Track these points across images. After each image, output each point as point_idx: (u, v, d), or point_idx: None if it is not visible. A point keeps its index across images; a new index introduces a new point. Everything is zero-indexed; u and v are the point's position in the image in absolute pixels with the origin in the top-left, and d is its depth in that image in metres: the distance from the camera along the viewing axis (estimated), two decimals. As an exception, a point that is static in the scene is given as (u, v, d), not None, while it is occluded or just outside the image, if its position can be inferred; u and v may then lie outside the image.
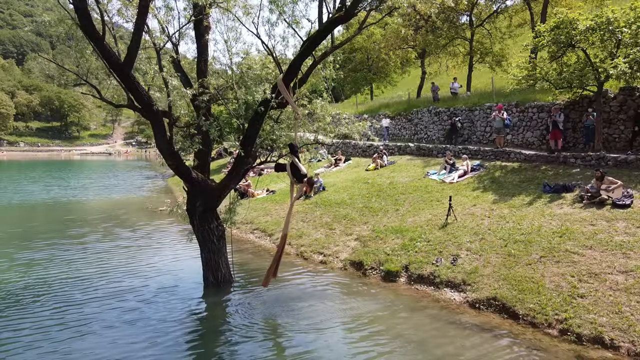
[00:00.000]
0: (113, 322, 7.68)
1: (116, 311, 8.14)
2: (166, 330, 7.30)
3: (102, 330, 7.35)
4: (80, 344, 6.79)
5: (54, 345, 6.77)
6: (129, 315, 7.94)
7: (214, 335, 7.30)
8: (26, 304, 8.50)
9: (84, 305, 8.50)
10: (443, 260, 9.15)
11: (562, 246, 8.40)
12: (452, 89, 21.39)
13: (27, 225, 16.13)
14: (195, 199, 8.64)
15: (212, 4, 6.98)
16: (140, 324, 7.61)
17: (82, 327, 7.41)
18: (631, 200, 9.21)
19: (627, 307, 6.63)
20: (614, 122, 12.73)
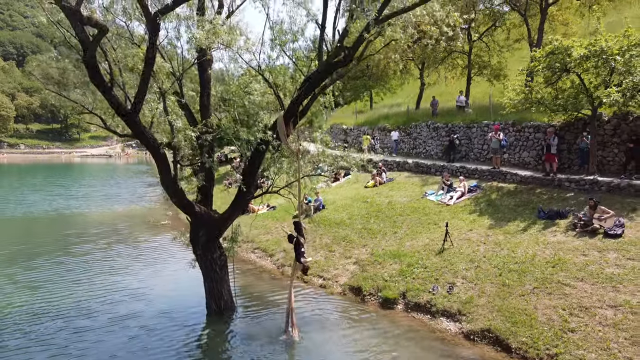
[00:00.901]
0: (115, 352, 7.95)
1: (119, 339, 8.41)
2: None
3: (93, 356, 7.64)
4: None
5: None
6: (132, 344, 8.21)
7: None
8: (30, 327, 8.76)
9: (87, 331, 8.79)
10: (439, 289, 9.41)
11: (555, 277, 8.66)
12: (458, 102, 21.45)
13: (32, 241, 16.38)
14: (198, 229, 8.90)
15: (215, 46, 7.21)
16: (141, 354, 7.87)
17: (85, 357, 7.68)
18: (622, 230, 9.46)
19: (615, 343, 6.89)
20: (608, 145, 12.98)
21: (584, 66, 11.82)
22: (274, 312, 9.63)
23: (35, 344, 8.35)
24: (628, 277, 8.09)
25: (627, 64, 11.07)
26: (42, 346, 8.26)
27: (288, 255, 12.68)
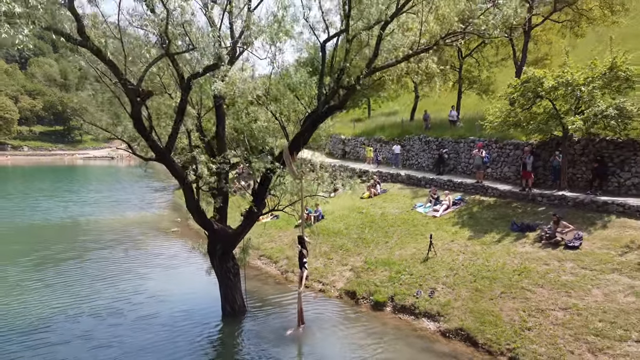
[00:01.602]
0: (144, 346, 9.45)
1: (146, 335, 9.92)
2: (190, 355, 9.07)
3: (131, 349, 9.17)
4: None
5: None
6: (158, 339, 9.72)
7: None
8: (69, 325, 10.26)
9: (118, 328, 10.32)
10: (422, 293, 10.92)
11: (519, 283, 10.17)
12: (450, 116, 22.90)
13: (54, 247, 17.82)
14: (215, 243, 10.40)
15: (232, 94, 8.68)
16: (167, 347, 9.36)
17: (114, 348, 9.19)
18: (580, 242, 10.97)
19: (562, 339, 8.41)
20: (577, 163, 14.49)
21: (554, 95, 13.35)
22: (280, 313, 11.15)
23: (76, 339, 9.85)
24: (579, 284, 9.61)
25: (590, 94, 12.59)
26: (83, 340, 9.76)
27: (291, 262, 14.18)
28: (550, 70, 17.04)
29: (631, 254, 10.12)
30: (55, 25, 6.61)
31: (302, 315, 9.97)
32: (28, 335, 10.04)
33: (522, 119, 14.32)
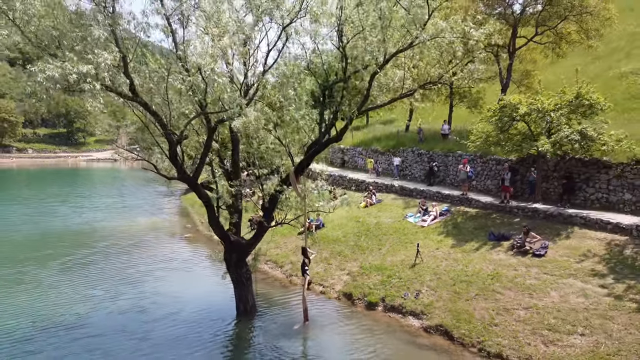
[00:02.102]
0: (169, 338, 11.17)
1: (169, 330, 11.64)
2: (214, 346, 10.81)
3: (164, 341, 10.89)
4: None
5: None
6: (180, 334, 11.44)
7: (245, 351, 10.81)
8: (104, 321, 11.99)
9: (146, 323, 12.05)
10: (409, 295, 12.66)
11: (491, 286, 11.90)
12: (442, 130, 24.61)
13: (79, 252, 19.49)
14: (231, 252, 12.13)
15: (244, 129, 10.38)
16: (190, 341, 11.09)
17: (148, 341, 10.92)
18: (545, 250, 12.71)
19: (522, 334, 10.14)
20: (550, 178, 16.24)
21: (528, 118, 15.10)
22: (286, 312, 12.88)
23: (113, 333, 11.57)
24: (540, 287, 11.35)
25: (558, 119, 14.34)
26: (119, 333, 11.49)
27: (295, 267, 15.91)
28: (535, 86, 18.78)
29: (587, 262, 11.87)
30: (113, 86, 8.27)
31: (306, 313, 11.72)
32: (70, 329, 11.77)
33: (500, 138, 16.07)
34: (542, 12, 20.82)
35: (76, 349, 10.74)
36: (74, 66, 6.98)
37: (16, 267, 17.12)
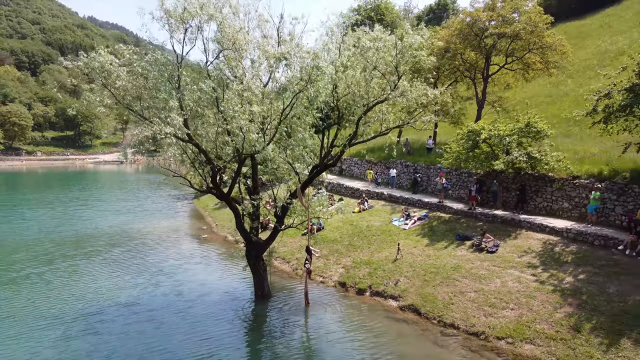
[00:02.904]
0: (199, 318, 14.65)
1: (200, 310, 15.08)
2: (238, 321, 14.33)
3: (200, 316, 14.38)
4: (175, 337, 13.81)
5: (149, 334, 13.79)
6: (208, 314, 14.90)
7: (263, 324, 14.32)
8: (139, 308, 15.47)
9: (182, 302, 15.52)
10: (390, 283, 16.18)
11: (452, 276, 15.42)
12: (428, 144, 28.16)
13: (115, 250, 23.00)
14: (251, 250, 15.64)
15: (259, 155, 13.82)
16: (218, 319, 14.57)
17: (174, 323, 14.42)
18: (497, 248, 16.24)
19: (470, 309, 13.65)
20: (509, 189, 19.77)
21: (489, 142, 18.64)
22: (293, 296, 16.37)
23: (158, 310, 15.01)
24: (488, 276, 14.86)
25: (511, 143, 17.88)
26: (164, 311, 14.95)
27: (299, 262, 19.41)
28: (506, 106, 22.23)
29: (525, 257, 15.41)
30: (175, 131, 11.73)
31: (307, 297, 15.18)
32: (129, 307, 15.21)
33: (469, 157, 19.61)
34: (510, 45, 24.33)
35: (138, 320, 14.25)
36: (161, 128, 10.43)
37: (68, 262, 20.65)
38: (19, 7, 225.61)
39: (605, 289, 12.84)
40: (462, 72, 27.20)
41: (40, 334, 13.23)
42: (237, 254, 21.98)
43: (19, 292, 16.77)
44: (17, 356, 11.99)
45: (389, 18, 73.94)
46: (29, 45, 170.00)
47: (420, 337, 12.93)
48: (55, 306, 15.41)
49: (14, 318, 14.42)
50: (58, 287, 17.42)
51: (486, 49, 24.92)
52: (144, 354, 12.18)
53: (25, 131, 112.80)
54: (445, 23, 62.96)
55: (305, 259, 15.81)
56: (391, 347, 12.41)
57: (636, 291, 12.42)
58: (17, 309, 15.18)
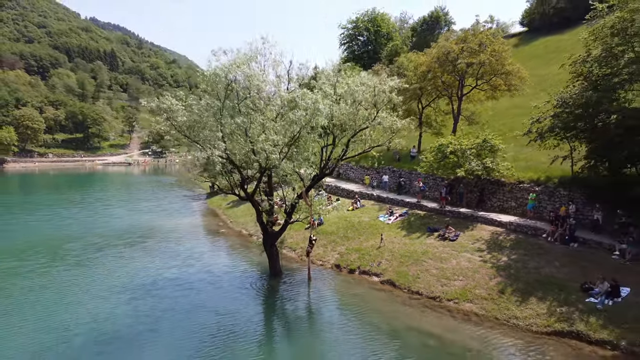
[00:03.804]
0: (228, 289, 19.41)
1: (225, 285, 19.84)
2: (258, 291, 19.11)
3: (227, 288, 19.13)
4: (212, 299, 18.55)
5: (193, 297, 18.55)
6: (231, 289, 19.67)
7: (276, 294, 19.07)
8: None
9: (210, 278, 20.26)
10: (374, 264, 20.93)
11: (421, 259, 20.18)
12: (412, 153, 32.92)
13: (148, 241, 27.73)
14: (267, 238, 20.40)
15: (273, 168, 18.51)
16: (241, 292, 19.33)
17: (210, 290, 19.18)
18: (457, 237, 21.00)
19: (431, 282, 18.40)
20: (472, 191, 24.52)
21: (456, 154, 23.41)
22: (299, 274, 21.12)
23: (197, 282, 19.74)
24: (448, 258, 19.62)
25: (471, 155, 22.65)
26: (193, 289, 19.68)
27: (303, 250, 24.11)
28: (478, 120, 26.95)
29: (477, 244, 20.18)
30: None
31: (310, 274, 19.92)
32: (172, 281, 19.91)
33: (440, 165, 24.35)
34: (479, 70, 29.02)
35: (182, 289, 18.97)
36: (212, 152, 15.12)
37: (115, 250, 25.41)
38: (25, 10, 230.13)
39: (527, 264, 17.62)
40: (441, 91, 31.93)
41: (114, 299, 17.98)
42: (252, 245, 26.77)
43: (85, 272, 21.49)
44: (101, 311, 16.68)
45: (385, 29, 78.98)
46: (38, 49, 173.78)
47: (393, 300, 17.72)
48: (116, 281, 20.16)
49: (87, 290, 19.16)
50: (112, 268, 22.18)
51: (459, 73, 29.63)
52: (191, 309, 16.93)
53: (38, 134, 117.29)
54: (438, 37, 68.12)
55: (307, 248, 20.55)
56: (372, 306, 17.19)
57: (547, 265, 17.20)
58: (90, 283, 19.94)
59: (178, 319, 16.13)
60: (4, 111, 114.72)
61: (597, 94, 17.13)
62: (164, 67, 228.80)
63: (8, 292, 18.58)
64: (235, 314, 16.60)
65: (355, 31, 79.03)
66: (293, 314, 17.06)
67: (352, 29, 78.97)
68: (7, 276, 20.64)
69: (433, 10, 74.77)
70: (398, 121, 17.43)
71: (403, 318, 16.05)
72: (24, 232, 30.38)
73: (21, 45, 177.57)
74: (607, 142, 16.99)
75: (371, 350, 13.79)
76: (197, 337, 14.66)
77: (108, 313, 16.48)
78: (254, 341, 14.56)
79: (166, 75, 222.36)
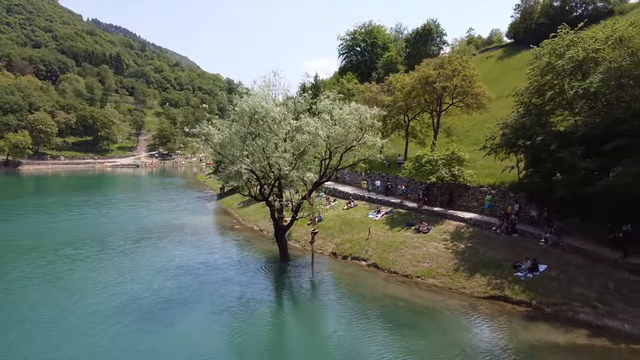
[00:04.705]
0: (244, 272, 24.84)
1: (240, 270, 25.28)
2: (270, 272, 24.57)
3: (244, 270, 24.57)
4: (233, 278, 24.01)
5: (220, 276, 24.01)
6: (246, 271, 25.08)
7: (284, 274, 24.49)
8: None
9: (229, 263, 25.72)
10: (363, 252, 26.37)
11: (400, 247, 25.61)
12: (398, 160, 38.38)
13: (179, 235, 33.17)
14: (278, 231, 25.82)
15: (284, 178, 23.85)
16: (254, 273, 24.74)
17: (232, 271, 24.62)
18: (429, 230, 26.44)
19: (405, 264, 23.84)
20: (444, 194, 29.94)
21: (429, 163, 28.85)
22: (302, 261, 26.54)
23: (219, 267, 25.15)
24: (420, 246, 25.05)
25: (441, 165, 28.08)
26: (221, 267, 25.12)
27: (306, 242, 29.55)
28: (454, 133, 32.39)
29: (443, 235, 25.62)
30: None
31: (312, 259, 25.36)
32: (201, 264, 25.31)
33: (418, 172, 29.78)
34: (454, 91, 34.41)
35: (211, 270, 24.38)
36: (241, 166, 20.53)
37: (149, 242, 30.85)
38: (32, 15, 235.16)
39: (477, 250, 23.05)
40: (424, 107, 37.37)
41: (162, 276, 23.37)
42: (263, 238, 32.21)
43: (132, 257, 26.89)
44: (154, 284, 22.02)
45: (381, 41, 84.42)
46: (46, 54, 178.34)
47: (375, 278, 23.17)
48: (159, 264, 25.56)
49: (138, 270, 24.54)
50: (153, 254, 27.61)
51: (437, 93, 35.04)
52: (220, 282, 22.27)
53: (51, 137, 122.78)
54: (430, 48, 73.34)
55: (310, 239, 25.96)
56: (359, 281, 22.63)
57: (491, 250, 22.61)
58: (139, 265, 25.32)
59: (211, 288, 21.54)
60: (19, 115, 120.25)
61: (530, 119, 22.56)
62: (167, 70, 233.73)
63: (81, 272, 24.03)
64: (253, 286, 22.02)
65: (353, 42, 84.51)
66: (298, 286, 22.47)
67: (350, 40, 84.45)
68: (71, 261, 26.08)
69: (425, 23, 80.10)
70: (379, 141, 22.87)
71: (382, 289, 21.47)
72: (69, 228, 35.88)
73: (30, 50, 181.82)
74: (537, 157, 22.42)
75: (358, 309, 19.21)
76: (226, 300, 20.01)
77: (160, 285, 21.89)
78: (268, 304, 20.01)
79: (170, 79, 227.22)
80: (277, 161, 21.21)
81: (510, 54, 69.05)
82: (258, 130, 21.67)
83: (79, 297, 20.07)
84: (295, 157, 22.14)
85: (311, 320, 18.97)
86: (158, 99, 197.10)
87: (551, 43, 23.30)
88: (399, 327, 17.24)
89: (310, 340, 17.06)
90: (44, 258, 26.51)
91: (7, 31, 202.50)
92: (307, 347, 16.54)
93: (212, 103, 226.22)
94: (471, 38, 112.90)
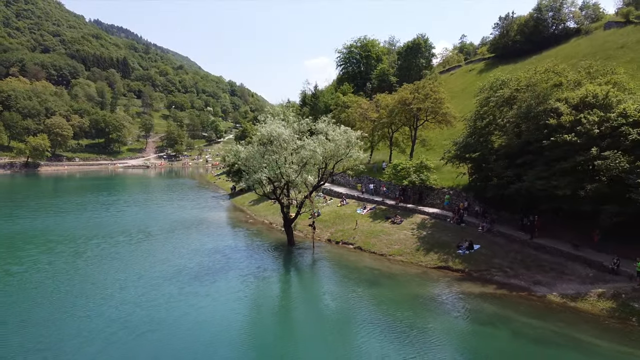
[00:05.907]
0: (257, 252, 32.88)
1: (252, 253, 33.31)
2: (280, 253, 32.63)
3: (258, 251, 32.61)
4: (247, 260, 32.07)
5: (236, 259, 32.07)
6: (256, 254, 33.12)
7: (290, 254, 32.51)
8: (228, 251, 33.71)
9: (243, 245, 33.76)
10: (351, 238, 34.40)
11: (380, 234, 33.62)
12: (383, 166, 46.44)
13: (202, 228, 41.12)
14: (286, 221, 33.83)
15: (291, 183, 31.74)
16: (265, 254, 32.78)
17: (247, 254, 32.69)
18: (402, 221, 34.47)
19: (382, 246, 31.87)
20: (415, 193, 37.93)
21: (404, 170, 36.91)
22: (305, 244, 34.52)
23: (235, 251, 33.16)
24: (394, 233, 33.07)
25: (412, 171, 36.13)
26: (240, 250, 33.13)
27: (307, 232, 37.54)
28: (429, 144, 40.49)
29: (412, 225, 33.67)
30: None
31: (313, 245, 33.36)
32: (224, 246, 33.31)
33: (396, 176, 37.79)
34: (427, 111, 42.39)
35: (230, 254, 32.39)
36: (261, 175, 28.50)
37: (183, 232, 38.88)
38: (40, 19, 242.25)
39: (434, 236, 31.07)
40: (404, 123, 45.42)
41: (193, 257, 31.32)
42: (273, 230, 40.24)
43: (168, 243, 34.83)
44: (186, 264, 29.97)
45: (374, 53, 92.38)
46: (57, 59, 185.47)
47: (359, 256, 31.23)
48: (191, 247, 33.51)
49: (173, 252, 32.52)
50: (186, 242, 35.54)
51: (413, 112, 43.03)
52: (239, 260, 30.28)
53: (67, 140, 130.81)
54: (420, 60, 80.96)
55: (312, 230, 34.01)
56: (347, 259, 30.68)
57: (444, 236, 30.62)
58: (174, 250, 33.31)
59: (237, 262, 29.54)
60: (37, 120, 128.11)
61: (473, 138, 30.59)
62: (172, 74, 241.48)
63: (139, 252, 32.04)
64: (267, 260, 30.05)
65: (350, 55, 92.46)
66: (301, 263, 30.47)
67: (347, 54, 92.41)
68: (128, 244, 34.08)
69: (415, 38, 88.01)
70: (361, 155, 30.91)
71: (363, 263, 29.50)
72: (113, 222, 43.88)
73: (41, 55, 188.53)
74: (478, 166, 30.44)
75: (345, 276, 27.20)
76: (243, 273, 27.69)
77: (199, 260, 29.88)
78: (279, 273, 28.04)
79: (175, 82, 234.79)
80: (287, 170, 29.23)
81: (490, 67, 76.98)
82: (272, 148, 29.69)
83: (144, 268, 28.08)
84: (300, 167, 30.15)
85: (311, 283, 26.97)
86: (164, 102, 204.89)
87: (491, 80, 31.34)
88: (374, 286, 25.23)
89: (310, 295, 25.04)
90: (106, 243, 34.52)
91: (17, 36, 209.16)
92: (308, 299, 24.53)
93: (215, 106, 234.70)
94: (463, 45, 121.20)
